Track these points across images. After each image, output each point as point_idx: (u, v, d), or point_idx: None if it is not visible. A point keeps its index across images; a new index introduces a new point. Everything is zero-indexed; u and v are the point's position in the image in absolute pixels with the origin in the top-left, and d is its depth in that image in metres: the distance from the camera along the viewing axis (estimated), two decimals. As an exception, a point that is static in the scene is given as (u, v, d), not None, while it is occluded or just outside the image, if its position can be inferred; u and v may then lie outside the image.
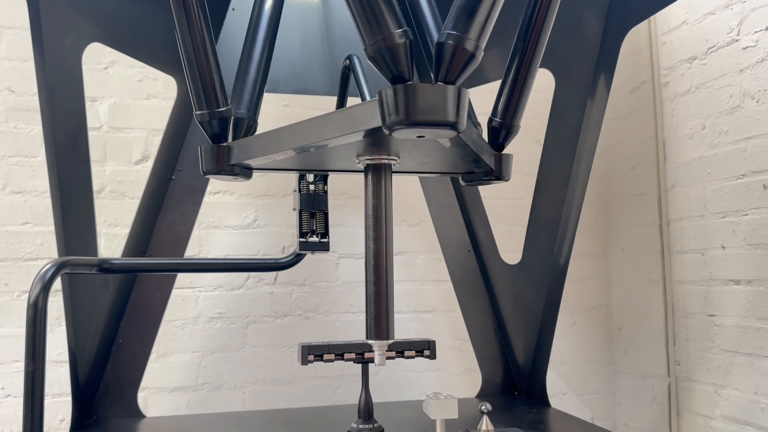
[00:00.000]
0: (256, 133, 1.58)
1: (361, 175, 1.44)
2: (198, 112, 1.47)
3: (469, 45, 1.06)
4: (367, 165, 1.39)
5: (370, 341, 1.38)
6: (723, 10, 2.50)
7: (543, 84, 2.59)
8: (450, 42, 1.06)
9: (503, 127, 1.53)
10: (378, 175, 1.39)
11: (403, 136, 1.09)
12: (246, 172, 1.52)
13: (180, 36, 1.44)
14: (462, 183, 1.66)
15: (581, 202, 2.27)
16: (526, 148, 3.07)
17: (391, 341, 1.38)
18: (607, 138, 3.20)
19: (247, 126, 1.57)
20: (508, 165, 1.56)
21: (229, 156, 1.47)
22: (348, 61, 2.03)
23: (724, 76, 2.49)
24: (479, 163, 1.50)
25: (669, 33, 2.81)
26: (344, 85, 2.08)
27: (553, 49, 2.24)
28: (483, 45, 1.09)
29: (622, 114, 3.13)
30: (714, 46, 2.54)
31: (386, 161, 1.39)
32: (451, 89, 1.05)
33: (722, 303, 2.52)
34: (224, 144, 1.49)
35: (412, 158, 1.45)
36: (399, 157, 1.40)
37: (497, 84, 1.59)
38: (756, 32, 2.34)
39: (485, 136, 1.58)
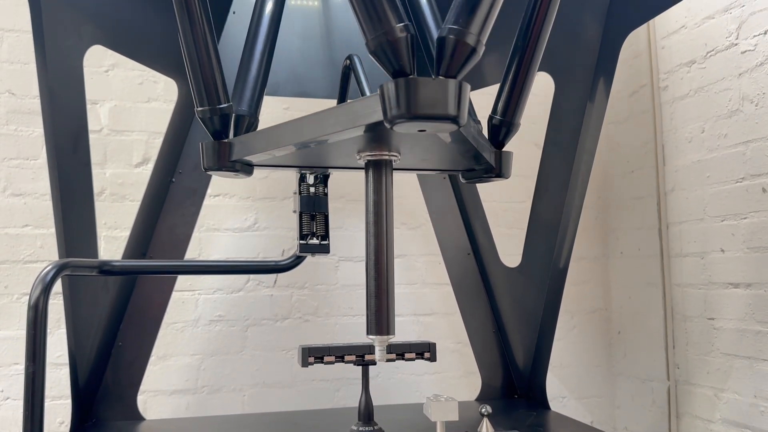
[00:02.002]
0: (257, 130, 1.59)
1: (362, 176, 1.45)
2: (199, 109, 1.48)
3: (471, 39, 1.07)
4: (368, 161, 1.40)
5: (370, 336, 1.39)
6: (722, 14, 2.51)
7: (542, 87, 2.60)
8: (451, 36, 1.07)
9: (503, 125, 1.54)
10: (379, 171, 1.39)
11: (404, 130, 1.09)
12: (247, 168, 1.53)
13: (182, 33, 1.46)
14: (462, 180, 1.67)
15: (581, 205, 2.27)
16: (525, 151, 3.08)
17: (392, 336, 1.39)
18: (607, 141, 3.20)
19: (248, 123, 1.58)
20: (508, 162, 1.57)
21: (230, 152, 1.48)
22: (348, 61, 2.04)
23: (723, 79, 2.50)
24: (479, 160, 1.50)
25: (668, 37, 2.82)
26: (345, 85, 2.09)
27: (552, 53, 2.25)
28: (484, 40, 1.09)
29: (621, 117, 3.13)
30: (713, 50, 2.55)
31: (387, 157, 1.39)
32: (452, 83, 1.06)
33: (722, 306, 2.52)
34: (225, 140, 1.49)
35: (412, 154, 1.46)
36: (400, 154, 1.41)
37: (496, 87, 1.60)
38: (755, 36, 2.35)
39: (486, 134, 1.59)
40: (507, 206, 3.09)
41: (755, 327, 2.36)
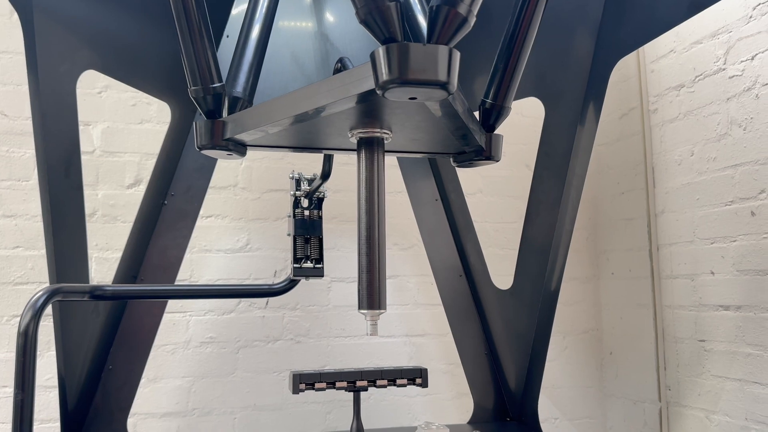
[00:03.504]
0: (250, 107, 1.60)
1: (356, 194, 1.45)
2: (192, 88, 1.50)
3: (462, 9, 1.09)
4: (360, 139, 1.41)
5: (362, 311, 1.41)
6: (710, 39, 2.54)
7: (533, 110, 2.63)
8: (444, 5, 1.08)
9: (494, 109, 1.56)
10: (371, 149, 1.41)
11: (395, 97, 1.10)
12: (240, 148, 1.54)
13: (175, 14, 1.47)
14: (453, 164, 1.68)
15: (572, 227, 2.28)
16: (517, 172, 3.10)
17: (382, 311, 1.41)
18: (597, 163, 3.23)
19: (242, 105, 1.59)
20: (498, 145, 1.58)
21: (223, 131, 1.49)
22: (340, 64, 2.05)
23: (711, 103, 2.53)
24: (469, 141, 1.51)
25: (657, 61, 2.85)
26: None
27: (542, 78, 2.28)
28: (475, 11, 1.11)
29: (611, 139, 3.16)
30: (701, 75, 2.59)
31: (379, 135, 1.41)
32: (443, 49, 1.07)
33: (712, 328, 2.53)
34: (219, 119, 1.51)
35: (403, 133, 1.47)
36: (391, 131, 1.42)
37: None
38: (742, 62, 2.39)
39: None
40: (498, 227, 3.10)
41: (746, 349, 2.37)
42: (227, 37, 2.34)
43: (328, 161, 1.81)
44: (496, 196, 3.13)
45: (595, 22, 2.16)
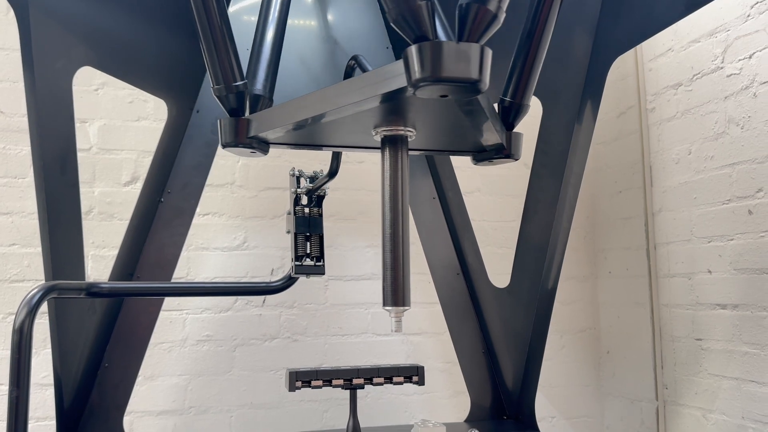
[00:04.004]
0: (275, 105, 1.60)
1: (355, 195, 1.45)
2: (216, 87, 1.51)
3: (492, 6, 1.09)
4: (385, 137, 1.42)
5: (387, 308, 1.41)
6: (708, 38, 2.54)
7: (531, 109, 2.62)
8: (474, 3, 1.09)
9: (513, 106, 1.56)
10: (395, 147, 1.41)
11: (427, 94, 1.11)
12: (263, 146, 1.55)
13: (196, 13, 1.48)
14: (473, 162, 1.68)
15: (569, 226, 2.28)
16: (514, 171, 3.10)
17: (407, 308, 1.41)
18: (595, 162, 3.23)
19: (263, 103, 1.60)
20: (518, 143, 1.58)
21: (248, 129, 1.50)
22: (354, 61, 2.04)
23: (709, 102, 2.53)
24: (491, 139, 1.51)
25: (655, 60, 2.85)
26: None
27: (540, 76, 2.28)
28: (504, 6, 1.11)
29: (609, 138, 3.16)
30: (699, 73, 2.59)
31: (403, 133, 1.41)
32: (475, 47, 1.08)
33: (709, 327, 2.53)
34: (243, 117, 1.52)
35: (425, 131, 1.47)
36: (415, 129, 1.42)
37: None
38: (740, 60, 2.39)
39: None
40: (496, 225, 3.10)
41: (743, 348, 2.37)
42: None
43: (336, 159, 1.81)
44: (494, 194, 3.13)
45: (592, 20, 2.16)
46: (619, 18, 2.11)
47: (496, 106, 1.63)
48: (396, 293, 1.38)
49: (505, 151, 1.58)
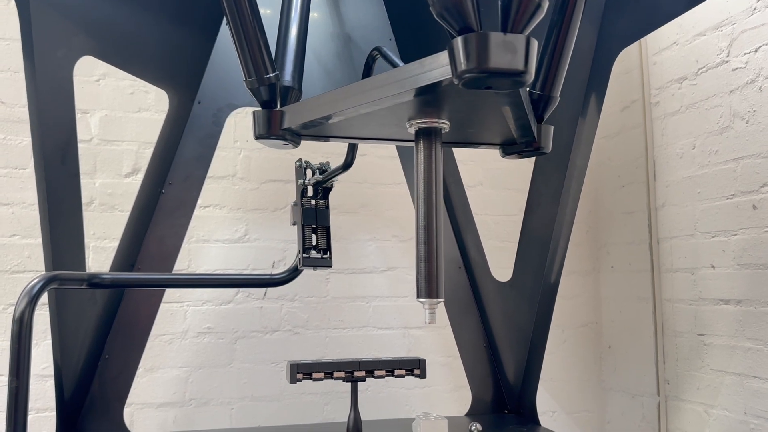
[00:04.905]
0: (311, 97, 1.60)
1: (359, 187, 1.44)
2: (248, 79, 1.51)
3: None
4: (419, 129, 1.41)
5: (421, 300, 1.40)
6: (713, 31, 2.52)
7: (535, 102, 2.60)
8: None
9: (542, 99, 1.54)
10: (429, 140, 1.40)
11: (472, 86, 1.10)
12: (295, 138, 1.55)
13: (226, 6, 1.48)
14: (502, 155, 1.66)
15: (572, 220, 2.27)
16: (517, 164, 3.08)
17: (441, 300, 1.41)
18: (598, 156, 3.21)
19: (293, 94, 1.60)
20: (548, 135, 1.57)
21: (281, 121, 1.50)
22: (377, 52, 2.02)
23: (713, 96, 2.51)
24: (526, 131, 1.50)
25: (660, 53, 2.83)
26: (367, 75, 2.07)
27: (545, 68, 2.26)
28: None
29: (612, 132, 3.14)
30: (704, 67, 2.57)
31: (437, 125, 1.40)
32: (520, 38, 1.07)
33: (712, 322, 2.53)
34: (276, 109, 1.52)
35: (457, 123, 1.46)
36: (450, 122, 1.42)
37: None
38: (745, 54, 2.37)
39: None
40: (498, 219, 3.09)
41: (745, 344, 2.36)
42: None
43: (351, 151, 1.80)
44: (497, 188, 3.12)
45: (597, 12, 2.14)
46: (624, 10, 2.10)
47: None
48: (430, 285, 1.38)
49: (535, 144, 1.56)
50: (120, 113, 2.71)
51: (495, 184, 3.12)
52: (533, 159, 2.34)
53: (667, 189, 2.78)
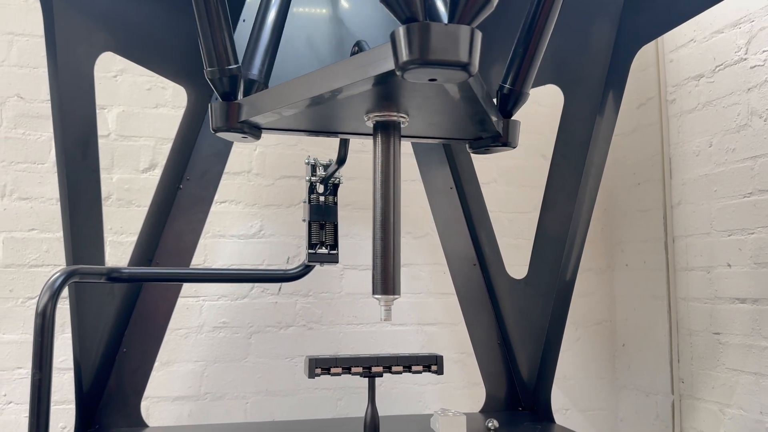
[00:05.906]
0: (265, 89, 1.59)
1: (369, 185, 1.44)
2: (209, 69, 1.49)
3: None
4: (377, 123, 1.40)
5: (376, 296, 1.40)
6: (731, 28, 2.51)
7: (551, 99, 2.60)
8: None
9: (512, 94, 1.54)
10: (387, 133, 1.40)
11: (415, 78, 1.08)
12: (255, 131, 1.54)
13: None
14: (469, 150, 1.66)
15: (589, 218, 2.27)
16: (532, 162, 3.08)
17: (397, 296, 1.40)
18: (614, 153, 3.20)
19: (258, 88, 1.58)
20: (515, 130, 1.56)
21: (239, 113, 1.49)
22: (357, 47, 2.03)
23: (731, 94, 2.50)
24: (486, 126, 1.49)
25: (676, 50, 2.82)
26: None
27: (562, 65, 2.26)
28: None
29: (628, 129, 3.13)
30: (721, 65, 2.55)
31: (395, 119, 1.39)
32: (464, 29, 1.04)
33: (728, 321, 2.52)
34: (235, 101, 1.50)
35: (420, 118, 1.45)
36: (408, 115, 1.40)
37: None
38: (764, 51, 2.35)
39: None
40: (513, 217, 3.09)
41: (761, 343, 2.35)
42: (243, 21, 2.32)
43: (343, 146, 1.81)
44: (512, 185, 3.11)
45: (616, 9, 2.14)
46: (643, 7, 2.09)
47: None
48: (386, 282, 1.37)
49: (501, 139, 1.55)
50: (137, 109, 2.73)
51: (509, 181, 3.11)
52: (548, 156, 2.34)
53: (683, 187, 2.77)
